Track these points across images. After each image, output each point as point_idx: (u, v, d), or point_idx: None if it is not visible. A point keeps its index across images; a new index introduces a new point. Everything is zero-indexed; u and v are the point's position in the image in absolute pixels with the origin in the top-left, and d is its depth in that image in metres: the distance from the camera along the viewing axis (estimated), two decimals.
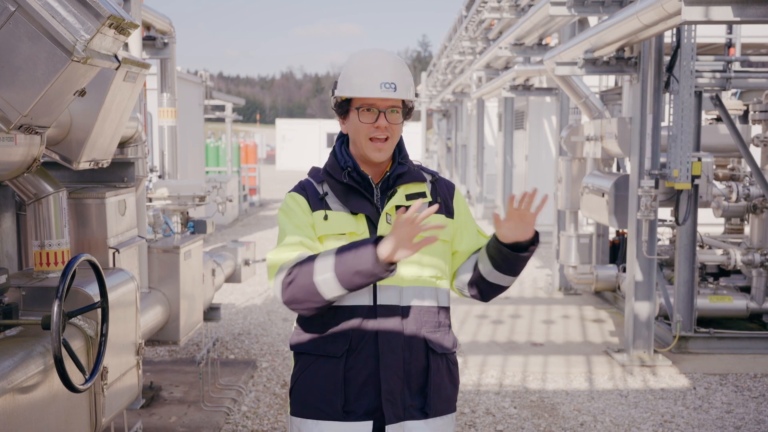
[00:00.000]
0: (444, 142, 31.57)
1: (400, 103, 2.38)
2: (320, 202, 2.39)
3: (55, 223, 3.36)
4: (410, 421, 2.35)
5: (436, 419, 2.39)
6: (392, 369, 2.32)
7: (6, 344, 2.72)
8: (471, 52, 16.14)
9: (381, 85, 2.31)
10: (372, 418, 2.33)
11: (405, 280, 2.36)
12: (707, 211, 8.61)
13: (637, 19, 5.49)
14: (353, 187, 2.39)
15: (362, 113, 2.35)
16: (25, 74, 2.51)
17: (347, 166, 2.40)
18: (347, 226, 2.36)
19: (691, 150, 6.59)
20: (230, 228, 16.89)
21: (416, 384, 2.37)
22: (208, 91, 16.55)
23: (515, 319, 8.40)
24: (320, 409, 2.35)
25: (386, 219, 2.37)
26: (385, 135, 2.35)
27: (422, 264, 2.38)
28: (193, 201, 5.79)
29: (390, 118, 2.35)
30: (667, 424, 5.33)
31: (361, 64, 2.37)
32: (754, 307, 7.46)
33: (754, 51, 10.55)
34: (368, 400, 2.32)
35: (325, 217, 2.36)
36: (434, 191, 2.47)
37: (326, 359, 2.35)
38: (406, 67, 2.41)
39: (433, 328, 2.40)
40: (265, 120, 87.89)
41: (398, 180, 2.42)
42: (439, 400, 2.39)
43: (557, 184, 9.46)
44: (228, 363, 6.61)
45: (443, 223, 2.36)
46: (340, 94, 2.38)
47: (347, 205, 2.38)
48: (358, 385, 2.32)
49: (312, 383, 2.37)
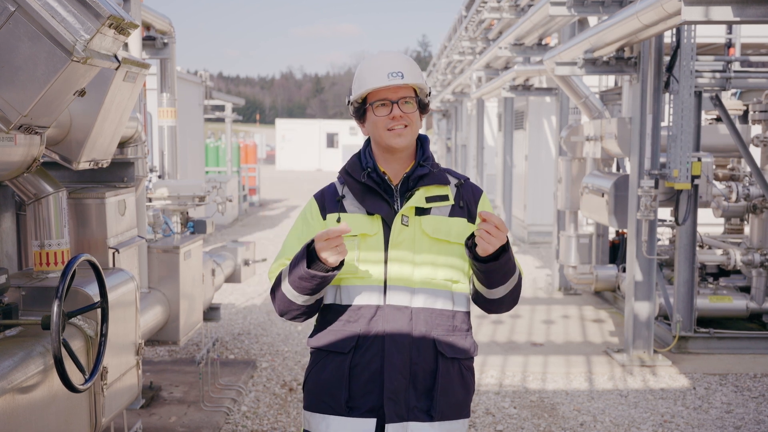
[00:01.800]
0: (444, 142, 31.56)
1: (412, 92, 2.41)
2: (336, 204, 2.44)
3: (55, 223, 3.36)
4: (414, 423, 2.35)
5: (443, 423, 2.38)
6: (397, 368, 2.33)
7: (6, 344, 2.72)
8: (471, 52, 16.14)
9: (388, 74, 2.36)
10: (376, 416, 2.35)
11: (416, 281, 2.37)
12: (707, 211, 8.61)
13: (636, 19, 5.49)
14: (371, 188, 2.42)
15: (377, 108, 2.39)
16: (25, 74, 2.51)
17: (368, 167, 2.43)
18: (359, 227, 2.38)
19: (691, 150, 6.59)
20: (230, 228, 16.89)
21: (422, 386, 2.37)
22: (208, 91, 16.55)
23: (515, 319, 8.40)
24: (326, 403, 2.39)
25: (401, 220, 2.38)
26: (402, 123, 2.38)
27: (436, 265, 2.39)
28: (192, 201, 5.79)
29: (404, 108, 2.38)
30: (667, 424, 5.33)
31: (369, 64, 2.43)
32: (754, 307, 7.46)
33: (754, 51, 10.54)
34: (372, 398, 2.35)
35: (338, 219, 2.40)
36: (458, 195, 2.47)
37: (334, 355, 2.39)
38: (413, 62, 2.45)
39: (447, 332, 2.40)
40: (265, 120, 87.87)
41: (419, 181, 2.43)
42: (446, 404, 2.38)
43: (557, 184, 9.46)
44: (228, 363, 6.60)
45: (464, 227, 2.39)
46: (354, 96, 2.43)
47: (364, 205, 2.41)
48: (363, 382, 2.35)
49: (319, 378, 2.42)
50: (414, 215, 2.39)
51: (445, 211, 2.42)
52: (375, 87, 2.36)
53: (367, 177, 2.42)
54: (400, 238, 2.37)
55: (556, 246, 9.72)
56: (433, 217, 2.40)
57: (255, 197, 22.57)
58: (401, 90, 2.38)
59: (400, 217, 2.38)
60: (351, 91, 2.47)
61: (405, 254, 2.36)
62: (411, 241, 2.37)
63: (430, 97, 2.48)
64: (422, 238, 2.38)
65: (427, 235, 2.38)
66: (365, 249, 2.37)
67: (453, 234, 2.40)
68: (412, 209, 2.39)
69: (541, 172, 14.35)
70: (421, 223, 2.39)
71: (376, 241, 2.37)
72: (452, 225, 2.40)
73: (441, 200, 2.43)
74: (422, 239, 2.38)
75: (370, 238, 2.37)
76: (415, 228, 2.38)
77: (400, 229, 2.37)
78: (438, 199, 2.42)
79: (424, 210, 2.41)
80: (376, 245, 2.37)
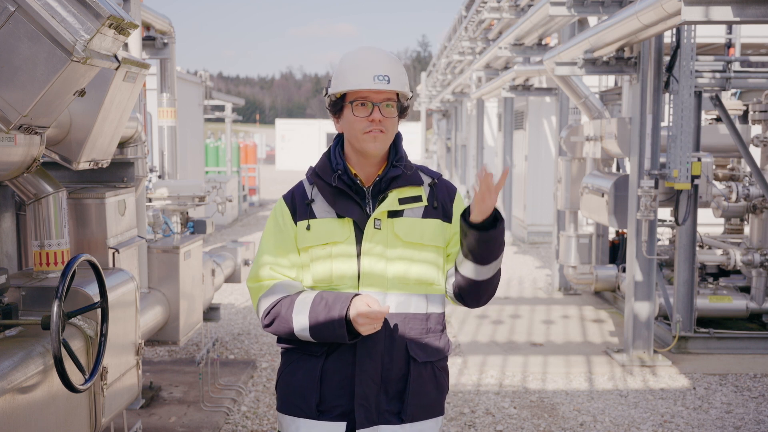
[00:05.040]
0: (444, 142, 31.57)
1: (395, 96, 2.33)
2: (306, 209, 2.37)
3: (55, 223, 3.36)
4: (384, 426, 2.33)
5: (413, 424, 2.35)
6: (368, 374, 2.30)
7: (6, 344, 2.72)
8: (471, 52, 16.15)
9: (374, 77, 2.28)
10: (346, 420, 2.33)
11: (389, 286, 2.33)
12: (707, 211, 8.61)
13: (636, 19, 5.49)
14: (342, 191, 2.35)
15: (356, 107, 2.30)
16: (25, 74, 2.51)
17: (338, 169, 2.36)
18: (330, 235, 2.33)
19: (691, 150, 6.59)
20: (230, 228, 16.89)
21: (394, 390, 2.34)
22: (207, 91, 16.56)
23: (515, 319, 8.40)
24: (297, 406, 2.36)
25: (374, 224, 2.32)
26: (380, 128, 2.30)
27: (410, 269, 2.34)
28: (192, 201, 5.79)
29: (384, 111, 2.29)
30: (667, 425, 5.33)
31: (355, 60, 2.33)
32: (754, 307, 7.46)
33: (754, 51, 10.55)
34: (343, 402, 2.32)
35: (307, 227, 2.34)
36: (432, 195, 2.41)
37: (307, 357, 2.36)
38: (400, 64, 2.37)
39: (420, 334, 2.37)
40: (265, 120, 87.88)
41: (392, 183, 2.35)
42: (417, 407, 2.36)
43: (557, 184, 9.46)
44: (227, 363, 6.60)
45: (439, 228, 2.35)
46: (334, 91, 2.34)
47: (335, 208, 2.35)
48: (334, 386, 2.32)
49: (291, 380, 2.39)
50: (387, 218, 2.34)
51: (419, 213, 2.37)
52: (359, 88, 2.28)
53: (337, 179, 2.35)
54: (372, 242, 2.31)
55: (556, 246, 9.72)
56: (406, 219, 2.35)
57: (255, 197, 22.57)
58: (384, 93, 2.29)
59: (373, 221, 2.32)
60: (329, 83, 2.38)
61: (377, 259, 2.31)
62: (384, 245, 2.32)
63: (410, 101, 2.40)
64: (395, 242, 2.33)
65: (399, 239, 2.33)
66: (337, 254, 2.32)
67: (426, 236, 2.35)
68: (385, 212, 2.33)
69: (541, 172, 14.35)
70: (393, 227, 2.33)
71: (348, 247, 2.32)
72: (426, 227, 2.35)
73: (414, 201, 2.37)
74: (395, 243, 2.33)
75: (342, 244, 2.32)
76: (387, 231, 2.33)
77: (373, 233, 2.32)
78: (411, 201, 2.37)
79: (396, 212, 2.35)
80: (348, 251, 2.32)
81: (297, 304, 2.30)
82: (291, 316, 2.30)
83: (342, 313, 2.22)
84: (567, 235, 8.99)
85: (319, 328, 2.26)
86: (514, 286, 10.38)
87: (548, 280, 10.61)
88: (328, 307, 2.24)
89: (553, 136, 13.57)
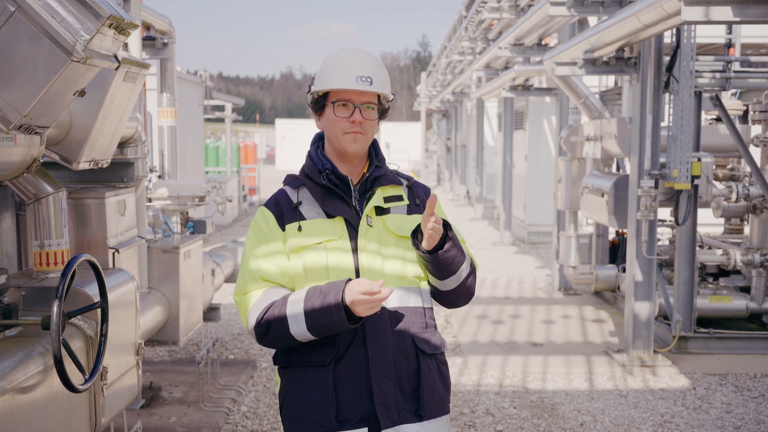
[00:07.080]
0: (444, 142, 31.60)
1: (376, 99, 2.36)
2: (294, 212, 2.37)
3: (55, 224, 3.36)
4: (406, 425, 2.31)
5: (430, 422, 2.36)
6: (383, 372, 2.28)
7: (6, 344, 2.72)
8: (471, 52, 16.16)
9: (357, 78, 2.31)
10: (366, 424, 2.29)
11: (388, 281, 2.33)
12: (707, 211, 8.61)
13: (636, 19, 5.49)
14: (331, 190, 2.37)
15: (338, 108, 2.33)
16: (25, 74, 2.51)
17: (325, 169, 2.38)
18: (324, 233, 2.33)
19: (691, 150, 6.59)
20: (230, 228, 16.89)
21: (408, 386, 2.34)
22: (207, 91, 16.56)
23: (515, 319, 8.40)
24: (314, 422, 2.28)
25: (366, 221, 2.35)
26: (359, 130, 2.33)
27: (405, 263, 2.36)
28: (192, 201, 5.79)
29: (365, 114, 2.33)
30: (667, 425, 5.33)
31: (338, 60, 2.36)
32: (754, 308, 7.46)
33: (754, 51, 10.55)
34: (362, 406, 2.28)
35: (299, 228, 2.34)
36: (411, 195, 2.47)
37: (315, 369, 2.30)
38: (383, 66, 2.41)
39: (421, 329, 2.38)
40: (265, 120, 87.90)
41: (376, 182, 2.41)
42: (432, 402, 2.36)
43: (557, 185, 9.46)
44: (227, 363, 6.60)
45: None
46: (317, 89, 2.37)
47: (325, 207, 2.36)
48: (350, 392, 2.28)
49: (302, 396, 2.31)
50: (375, 215, 2.37)
51: (403, 210, 2.42)
52: (341, 88, 2.31)
53: (326, 178, 2.37)
54: (366, 239, 2.33)
55: (556, 246, 9.72)
56: (394, 215, 2.39)
57: (255, 197, 22.57)
58: (366, 95, 2.32)
59: (365, 218, 2.35)
60: (312, 81, 2.41)
61: (374, 255, 2.33)
62: (378, 242, 2.34)
63: (390, 103, 2.43)
64: (387, 237, 2.36)
65: (392, 233, 2.36)
66: (332, 252, 2.32)
67: None
68: (373, 210, 2.37)
69: (541, 172, 14.35)
70: (384, 222, 2.37)
71: (343, 245, 2.33)
72: (413, 222, 2.39)
73: (397, 200, 2.42)
74: (388, 238, 2.36)
75: (336, 242, 2.32)
76: (379, 227, 2.36)
77: (366, 230, 2.34)
78: (394, 199, 2.42)
79: (383, 210, 2.39)
80: (343, 248, 2.32)
81: (290, 301, 2.27)
82: (285, 313, 2.25)
83: (338, 297, 2.19)
84: (567, 235, 8.99)
85: (316, 316, 2.20)
86: (515, 286, 10.38)
87: (548, 280, 10.61)
88: (322, 294, 2.22)
89: (553, 136, 13.57)
